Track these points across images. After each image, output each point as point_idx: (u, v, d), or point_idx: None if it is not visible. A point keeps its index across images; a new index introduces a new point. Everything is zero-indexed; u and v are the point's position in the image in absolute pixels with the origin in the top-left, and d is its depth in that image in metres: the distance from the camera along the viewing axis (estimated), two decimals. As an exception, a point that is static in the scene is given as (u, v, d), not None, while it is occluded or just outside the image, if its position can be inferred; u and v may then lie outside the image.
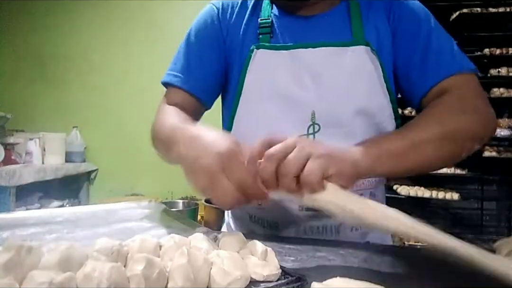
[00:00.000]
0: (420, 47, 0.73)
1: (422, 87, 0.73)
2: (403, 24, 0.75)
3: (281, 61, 0.74)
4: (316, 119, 0.72)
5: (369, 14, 0.76)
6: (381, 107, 0.73)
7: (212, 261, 0.42)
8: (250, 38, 0.78)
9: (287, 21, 0.78)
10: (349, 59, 0.72)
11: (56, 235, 0.62)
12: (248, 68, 0.75)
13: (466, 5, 2.39)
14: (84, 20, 3.16)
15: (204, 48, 0.81)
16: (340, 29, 0.75)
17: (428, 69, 0.72)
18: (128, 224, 0.71)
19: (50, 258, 0.39)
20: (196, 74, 0.80)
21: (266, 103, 0.74)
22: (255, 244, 0.47)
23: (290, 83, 0.73)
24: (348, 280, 0.43)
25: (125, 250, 0.43)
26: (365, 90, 0.72)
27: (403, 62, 0.75)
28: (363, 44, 0.72)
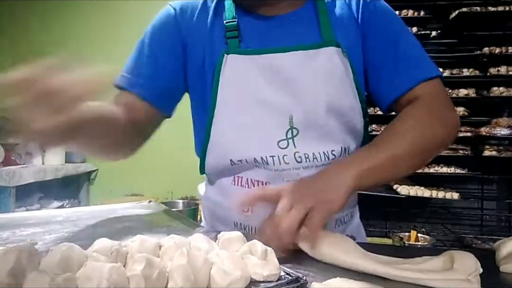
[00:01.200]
0: (390, 53, 0.75)
1: (391, 94, 0.75)
2: (373, 27, 0.76)
3: (254, 66, 0.72)
4: (294, 123, 0.72)
5: (336, 14, 0.76)
6: (352, 107, 0.74)
7: (212, 261, 0.42)
8: (218, 40, 0.75)
9: (254, 22, 0.76)
10: (321, 61, 0.72)
11: (55, 235, 0.62)
12: (220, 74, 0.73)
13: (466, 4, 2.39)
14: (84, 20, 3.16)
15: (157, 49, 0.78)
16: (309, 30, 0.75)
17: (398, 76, 0.74)
18: (128, 224, 0.71)
19: (50, 259, 0.39)
20: (145, 76, 0.76)
21: (243, 110, 0.73)
22: (255, 244, 0.47)
23: (265, 88, 0.72)
24: (348, 280, 0.43)
25: (125, 250, 0.44)
26: (336, 90, 0.73)
27: (373, 66, 0.77)
28: (333, 45, 0.72)
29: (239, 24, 0.75)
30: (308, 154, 0.72)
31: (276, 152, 0.71)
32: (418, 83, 0.72)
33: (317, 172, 0.65)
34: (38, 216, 0.77)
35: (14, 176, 2.26)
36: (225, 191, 0.77)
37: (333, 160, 0.72)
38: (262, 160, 0.71)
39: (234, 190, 0.75)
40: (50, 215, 0.77)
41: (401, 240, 2.25)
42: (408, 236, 2.28)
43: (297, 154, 0.71)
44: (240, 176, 0.74)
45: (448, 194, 2.40)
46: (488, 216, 2.65)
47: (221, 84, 0.73)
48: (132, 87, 0.75)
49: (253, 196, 0.62)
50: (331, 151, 0.73)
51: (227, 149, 0.73)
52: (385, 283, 0.46)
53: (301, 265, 0.52)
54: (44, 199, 2.78)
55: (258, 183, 0.73)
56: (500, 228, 2.65)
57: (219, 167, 0.75)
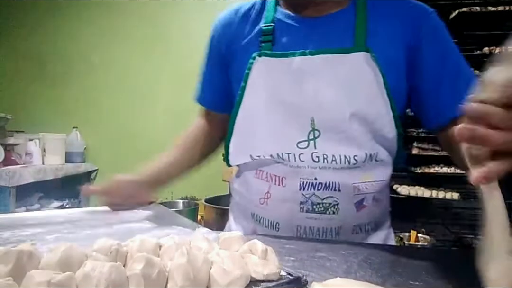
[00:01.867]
0: (450, 69, 0.73)
1: (446, 116, 0.72)
2: (427, 40, 0.73)
3: (282, 68, 0.75)
4: (316, 125, 0.73)
5: (377, 18, 0.74)
6: (380, 114, 0.72)
7: (212, 261, 0.42)
8: (253, 45, 0.80)
9: (291, 26, 0.78)
10: (348, 65, 0.72)
11: (56, 236, 0.61)
12: (249, 74, 0.77)
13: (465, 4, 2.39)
14: (84, 20, 3.16)
15: (210, 68, 0.91)
16: (343, 34, 0.74)
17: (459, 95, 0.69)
18: (128, 225, 0.71)
19: (50, 258, 0.39)
20: (206, 90, 0.93)
21: (267, 110, 0.76)
22: (255, 243, 0.47)
23: (289, 90, 0.74)
24: (348, 280, 0.43)
25: (125, 250, 0.44)
26: (363, 96, 0.72)
27: (429, 82, 0.74)
28: (363, 50, 0.71)
29: (276, 26, 0.79)
30: (326, 155, 0.72)
31: (294, 150, 0.73)
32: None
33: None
34: (38, 216, 0.76)
35: (14, 176, 2.26)
36: (247, 183, 0.82)
37: (355, 165, 0.72)
38: (279, 156, 0.74)
39: (255, 182, 0.79)
40: (51, 215, 0.77)
41: (401, 240, 2.25)
42: (408, 236, 2.28)
43: (315, 154, 0.72)
44: (262, 169, 0.78)
45: (448, 194, 2.40)
46: (488, 216, 2.64)
47: (248, 84, 0.78)
48: (202, 102, 0.95)
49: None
50: (353, 156, 0.72)
51: (247, 145, 0.78)
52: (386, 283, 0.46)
53: (301, 265, 0.52)
54: (44, 199, 2.78)
55: (276, 178, 0.76)
56: (500, 228, 2.65)
57: (241, 160, 0.81)
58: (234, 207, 0.90)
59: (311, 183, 0.73)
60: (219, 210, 2.10)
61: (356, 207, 0.74)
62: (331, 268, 0.52)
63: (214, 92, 0.92)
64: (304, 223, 0.74)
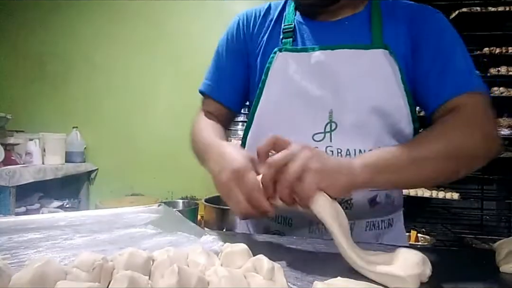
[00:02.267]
0: (439, 62, 0.74)
1: (435, 101, 0.73)
2: (426, 34, 0.76)
3: (301, 62, 0.77)
4: (333, 117, 0.73)
5: (389, 18, 0.77)
6: (398, 108, 0.74)
7: (209, 281, 0.37)
8: (274, 42, 0.82)
9: (310, 26, 0.81)
10: (366, 60, 0.74)
11: (52, 242, 0.59)
12: (270, 68, 0.79)
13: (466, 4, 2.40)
14: (84, 20, 3.16)
15: (230, 60, 0.88)
16: (360, 33, 0.77)
17: (445, 84, 0.73)
18: (131, 230, 0.68)
19: (22, 275, 0.34)
20: (224, 86, 0.89)
21: (285, 101, 0.77)
22: (260, 260, 0.41)
23: (309, 82, 0.76)
24: (350, 280, 0.43)
25: (110, 265, 0.39)
26: (381, 90, 0.73)
27: (422, 72, 0.76)
28: (381, 47, 0.74)
29: (296, 28, 0.82)
30: (341, 150, 0.72)
31: (308, 143, 0.72)
32: (461, 93, 0.70)
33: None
34: (40, 220, 0.74)
35: (14, 176, 2.26)
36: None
37: None
38: None
39: None
40: (53, 219, 0.75)
41: (401, 240, 2.25)
42: (408, 236, 2.28)
43: (329, 148, 0.73)
44: None
45: (448, 194, 2.40)
46: (488, 216, 2.65)
47: (269, 77, 0.79)
48: (217, 96, 0.89)
49: (265, 144, 0.60)
50: (368, 150, 0.72)
51: (264, 134, 0.77)
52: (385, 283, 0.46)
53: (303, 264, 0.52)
54: (44, 198, 2.78)
55: None
56: (500, 228, 2.65)
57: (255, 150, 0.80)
58: None
59: None
60: (219, 210, 2.10)
61: (369, 203, 0.74)
62: (333, 267, 0.52)
63: (234, 87, 0.89)
64: (318, 220, 0.74)
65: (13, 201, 2.28)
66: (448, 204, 2.64)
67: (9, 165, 2.37)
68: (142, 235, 0.65)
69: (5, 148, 2.39)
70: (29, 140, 2.59)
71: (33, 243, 0.59)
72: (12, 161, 2.46)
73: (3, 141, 2.44)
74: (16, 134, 2.65)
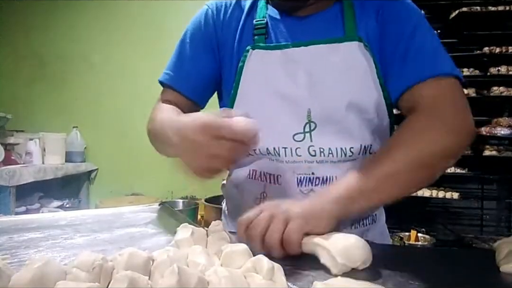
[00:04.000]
0: (402, 45, 0.71)
1: (397, 88, 0.71)
2: (390, 23, 0.74)
3: (275, 60, 0.75)
4: (312, 117, 0.72)
5: (361, 11, 0.76)
6: (375, 103, 0.72)
7: (208, 281, 0.37)
8: (246, 39, 0.79)
9: (282, 22, 0.78)
10: (341, 55, 0.72)
11: (52, 242, 0.59)
12: (244, 67, 0.76)
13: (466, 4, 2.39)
14: (84, 20, 3.16)
15: (196, 49, 0.82)
16: (333, 27, 0.76)
17: (406, 68, 0.69)
18: (131, 230, 0.68)
19: (22, 276, 0.34)
20: (187, 75, 0.82)
21: (262, 102, 0.75)
22: (260, 260, 0.41)
23: (285, 82, 0.74)
24: (349, 280, 0.43)
25: (110, 265, 0.39)
26: (357, 85, 0.72)
27: (385, 60, 0.74)
28: (355, 39, 0.72)
29: (268, 23, 0.79)
30: (323, 149, 0.72)
31: (290, 144, 0.72)
32: (424, 78, 0.67)
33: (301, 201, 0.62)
34: (40, 219, 0.74)
35: (14, 176, 2.26)
36: (240, 184, 0.80)
37: (351, 158, 0.72)
38: (275, 151, 0.73)
39: (249, 183, 0.78)
40: (54, 218, 0.75)
41: (401, 240, 2.26)
42: (408, 236, 2.28)
43: (312, 148, 0.72)
44: (255, 169, 0.77)
45: (448, 194, 2.40)
46: (488, 216, 2.64)
47: (243, 76, 0.76)
48: (177, 86, 0.82)
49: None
50: (349, 148, 0.72)
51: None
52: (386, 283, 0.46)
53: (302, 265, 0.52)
54: (44, 198, 2.78)
55: (271, 176, 0.75)
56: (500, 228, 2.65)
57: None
58: (228, 210, 0.89)
59: (308, 178, 0.72)
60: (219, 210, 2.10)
61: None
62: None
63: (197, 77, 0.82)
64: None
65: (13, 201, 2.28)
66: (448, 204, 2.64)
67: (9, 165, 2.37)
68: (142, 235, 0.65)
69: (5, 148, 2.39)
70: (29, 140, 2.59)
71: (33, 243, 0.59)
72: (12, 161, 2.46)
73: (3, 141, 2.44)
74: (16, 134, 2.65)
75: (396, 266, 0.55)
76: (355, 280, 0.43)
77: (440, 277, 0.50)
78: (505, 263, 0.52)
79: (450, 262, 0.58)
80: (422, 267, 0.54)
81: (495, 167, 2.51)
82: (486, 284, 0.48)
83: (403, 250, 0.85)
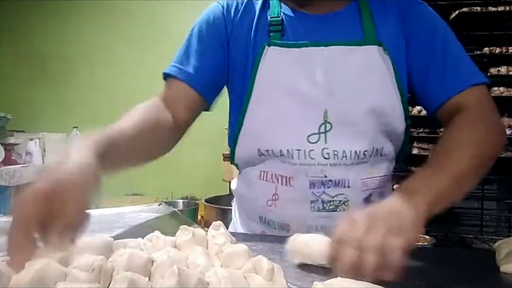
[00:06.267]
0: (438, 55, 0.73)
1: (440, 98, 0.72)
2: (418, 28, 0.75)
3: (292, 59, 0.73)
4: (328, 117, 0.71)
5: (380, 15, 0.76)
6: (393, 107, 0.73)
7: (208, 281, 0.37)
8: (261, 35, 0.77)
9: (298, 19, 0.77)
10: (360, 58, 0.72)
11: None
12: (259, 65, 0.74)
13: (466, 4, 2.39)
14: (84, 20, 3.16)
15: (205, 44, 0.80)
16: (352, 28, 0.75)
17: (447, 79, 0.72)
18: (133, 230, 0.68)
19: (21, 277, 0.34)
20: (194, 68, 0.79)
21: (278, 101, 0.74)
22: (260, 260, 0.41)
23: (301, 81, 0.73)
24: (349, 280, 0.43)
25: (110, 266, 0.38)
26: (377, 89, 0.72)
27: (420, 68, 0.75)
28: (375, 43, 0.72)
29: (284, 20, 0.77)
30: (337, 151, 0.71)
31: (304, 146, 0.71)
32: (467, 87, 0.70)
33: (381, 203, 0.56)
34: None
35: (14, 176, 2.26)
36: (251, 184, 0.79)
37: (363, 160, 0.72)
38: (288, 153, 0.72)
39: (260, 184, 0.77)
40: None
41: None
42: (408, 236, 2.28)
43: (325, 150, 0.71)
44: (266, 170, 0.76)
45: (448, 194, 2.39)
46: (488, 216, 2.64)
47: (258, 74, 0.74)
48: (182, 76, 0.78)
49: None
50: (363, 151, 0.71)
51: (257, 138, 0.75)
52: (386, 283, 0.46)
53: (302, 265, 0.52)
54: (44, 198, 2.77)
55: (283, 178, 0.74)
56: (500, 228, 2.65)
57: (248, 157, 0.77)
58: (238, 210, 0.88)
59: (321, 181, 0.72)
60: (219, 210, 2.10)
61: (365, 203, 0.73)
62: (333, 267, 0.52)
63: (209, 74, 0.79)
64: (316, 223, 0.73)
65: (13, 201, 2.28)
66: (448, 204, 2.63)
67: (9, 165, 2.37)
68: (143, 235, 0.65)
69: (5, 148, 2.39)
70: (29, 140, 2.59)
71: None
72: (12, 161, 2.46)
73: (3, 141, 2.44)
74: (16, 134, 2.65)
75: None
76: (355, 280, 0.43)
77: (440, 277, 0.50)
78: (505, 263, 0.52)
79: (450, 262, 0.58)
80: (422, 267, 0.54)
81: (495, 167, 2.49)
82: (486, 284, 0.48)
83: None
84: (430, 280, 0.47)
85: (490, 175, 2.51)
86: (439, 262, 0.55)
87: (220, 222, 0.56)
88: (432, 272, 0.49)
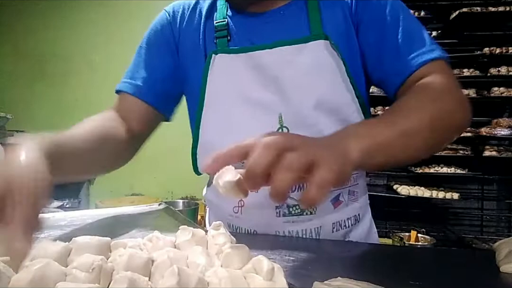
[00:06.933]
0: (390, 31, 0.70)
1: (398, 76, 0.69)
2: (368, 13, 0.72)
3: (241, 64, 0.72)
4: (284, 122, 0.69)
5: (328, 8, 0.73)
6: (346, 103, 0.70)
7: (208, 281, 0.37)
8: (208, 42, 0.76)
9: (242, 20, 0.75)
10: (308, 55, 0.69)
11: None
12: (208, 73, 0.73)
13: (466, 4, 2.40)
14: (84, 20, 3.16)
15: (153, 53, 0.80)
16: (297, 24, 0.72)
17: (402, 56, 0.69)
18: (132, 231, 0.68)
19: (21, 277, 0.34)
20: (144, 80, 0.78)
21: (231, 109, 0.72)
22: (260, 260, 0.41)
23: (253, 86, 0.71)
24: (349, 280, 0.43)
25: (110, 266, 0.38)
26: (326, 86, 0.69)
27: (374, 49, 0.72)
28: (322, 38, 0.69)
29: (230, 23, 0.75)
30: None
31: None
32: (426, 62, 0.67)
33: (315, 138, 0.50)
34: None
35: (14, 176, 2.26)
36: (219, 192, 0.77)
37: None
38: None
39: None
40: (54, 218, 0.75)
41: (401, 240, 2.25)
42: (408, 236, 2.28)
43: None
44: None
45: (448, 194, 2.40)
46: (488, 216, 2.65)
47: (208, 84, 0.73)
48: (132, 90, 0.78)
49: (220, 155, 0.48)
50: None
51: (215, 149, 0.72)
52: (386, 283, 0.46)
53: (302, 265, 0.53)
54: (44, 198, 2.77)
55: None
56: (500, 228, 2.65)
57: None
58: (209, 218, 0.86)
59: None
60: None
61: (332, 204, 0.72)
62: (333, 268, 0.52)
63: (160, 83, 0.79)
64: (283, 228, 0.71)
65: None
66: (448, 204, 2.64)
67: (9, 165, 2.37)
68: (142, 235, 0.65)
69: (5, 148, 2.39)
70: (29, 140, 2.59)
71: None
72: (12, 161, 2.46)
73: (3, 141, 2.44)
74: (16, 134, 2.65)
75: (396, 265, 0.55)
76: (355, 280, 0.43)
77: (440, 277, 0.50)
78: (505, 263, 0.52)
79: (450, 262, 0.58)
80: (422, 267, 0.54)
81: (495, 167, 2.51)
82: (486, 284, 0.48)
83: (403, 250, 0.85)
84: (430, 280, 0.47)
85: (490, 175, 2.52)
86: (439, 262, 0.55)
87: (220, 222, 0.56)
88: (432, 272, 0.49)
